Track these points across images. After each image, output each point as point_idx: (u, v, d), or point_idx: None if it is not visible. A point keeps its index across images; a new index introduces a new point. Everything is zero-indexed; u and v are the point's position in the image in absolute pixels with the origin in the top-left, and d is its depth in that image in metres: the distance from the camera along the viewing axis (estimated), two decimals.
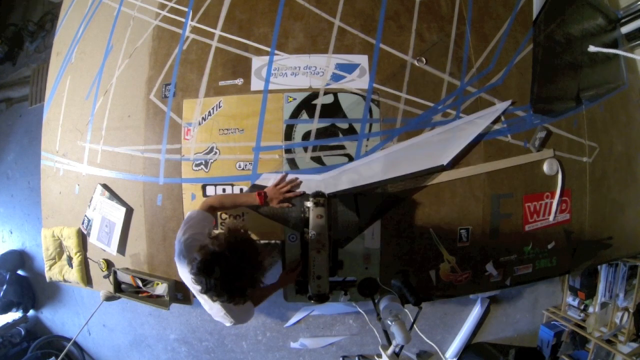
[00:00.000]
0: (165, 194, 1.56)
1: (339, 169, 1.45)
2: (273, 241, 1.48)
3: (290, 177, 1.45)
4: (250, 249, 1.02)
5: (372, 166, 1.45)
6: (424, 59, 1.46)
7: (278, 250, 1.51)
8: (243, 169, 1.49)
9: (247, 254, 0.99)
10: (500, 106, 1.52)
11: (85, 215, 1.72)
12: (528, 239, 1.60)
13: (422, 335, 1.50)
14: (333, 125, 1.48)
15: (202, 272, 0.95)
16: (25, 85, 3.26)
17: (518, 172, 1.57)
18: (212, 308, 1.18)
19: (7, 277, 2.99)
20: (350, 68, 1.50)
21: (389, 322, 1.25)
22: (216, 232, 1.05)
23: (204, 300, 1.15)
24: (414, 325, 1.31)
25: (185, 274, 1.10)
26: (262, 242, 1.49)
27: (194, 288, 1.08)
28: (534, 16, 1.63)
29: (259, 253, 1.03)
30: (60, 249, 1.83)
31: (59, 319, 3.08)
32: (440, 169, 1.46)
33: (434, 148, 1.47)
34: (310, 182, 1.46)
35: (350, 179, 1.45)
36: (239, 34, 1.55)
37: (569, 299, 2.56)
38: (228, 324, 1.21)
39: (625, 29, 1.92)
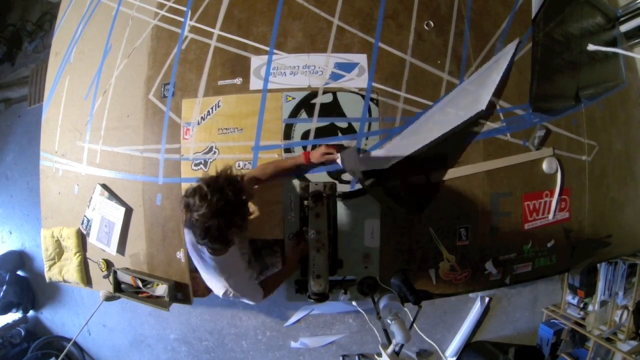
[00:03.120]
0: (164, 194, 1.56)
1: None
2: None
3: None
4: (232, 184, 1.02)
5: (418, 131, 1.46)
6: (431, 23, 1.44)
7: (279, 245, 1.51)
8: (242, 169, 1.49)
9: (227, 189, 0.99)
10: (510, 46, 1.53)
11: (85, 216, 1.72)
12: (527, 238, 1.60)
13: (421, 334, 1.49)
14: (332, 124, 1.48)
15: (185, 207, 0.99)
16: (24, 86, 3.26)
17: (517, 171, 1.57)
18: (211, 275, 1.18)
19: (7, 277, 2.99)
20: (349, 67, 1.50)
21: (388, 321, 1.26)
22: None
23: (202, 262, 1.17)
24: (414, 324, 1.31)
25: (187, 238, 1.18)
26: None
27: (195, 250, 1.15)
28: (533, 15, 1.63)
29: (241, 191, 1.03)
30: (59, 249, 1.83)
31: (59, 320, 3.08)
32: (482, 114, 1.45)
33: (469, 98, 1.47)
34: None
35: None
36: (238, 33, 1.54)
37: (569, 297, 2.56)
38: (225, 290, 1.18)
39: (624, 28, 1.92)
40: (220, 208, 0.96)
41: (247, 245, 1.44)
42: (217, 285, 1.19)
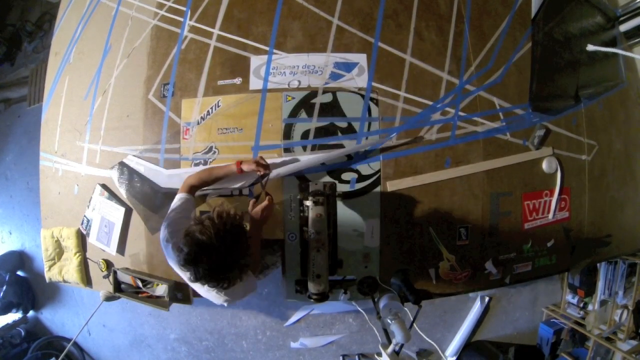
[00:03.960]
0: None
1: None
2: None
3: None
4: (239, 235, 0.99)
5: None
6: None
7: (279, 246, 1.51)
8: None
9: (236, 243, 0.96)
10: None
11: (85, 216, 1.72)
12: (527, 237, 1.61)
13: (421, 334, 1.50)
14: (332, 124, 1.48)
15: (190, 262, 0.93)
16: (24, 86, 3.26)
17: (517, 171, 1.57)
18: (208, 294, 1.16)
19: (7, 278, 2.98)
20: (349, 67, 1.50)
21: (388, 321, 1.25)
22: (203, 216, 1.03)
23: (197, 286, 1.13)
24: (414, 324, 1.31)
25: (172, 261, 1.10)
26: None
27: (183, 274, 1.07)
28: (533, 14, 1.63)
29: (246, 237, 1.01)
30: (59, 250, 1.83)
31: (58, 320, 3.08)
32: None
33: None
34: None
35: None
36: (238, 33, 1.54)
37: (569, 297, 2.57)
38: (225, 304, 1.19)
39: (623, 27, 1.92)
40: (230, 261, 0.94)
41: None
42: (215, 300, 1.18)
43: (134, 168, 1.58)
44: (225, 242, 0.93)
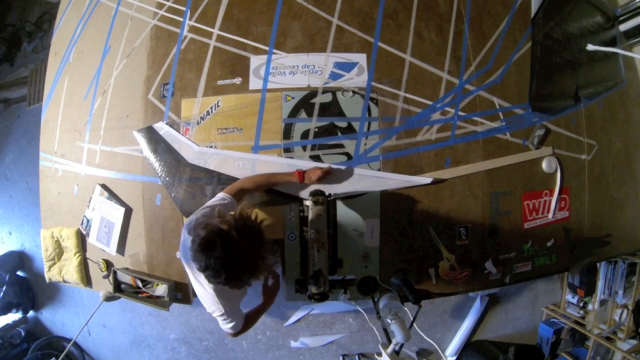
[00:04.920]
0: (164, 194, 1.55)
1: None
2: None
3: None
4: (257, 236, 0.99)
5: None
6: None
7: (278, 247, 1.50)
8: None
9: (253, 240, 0.96)
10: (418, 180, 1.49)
11: (85, 216, 1.72)
12: (527, 237, 1.61)
13: (421, 334, 1.49)
14: (332, 123, 1.48)
15: (204, 247, 0.92)
16: (23, 86, 3.25)
17: (517, 170, 1.57)
18: (202, 289, 1.12)
19: (7, 278, 2.98)
20: (348, 67, 1.50)
21: (388, 321, 1.25)
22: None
23: (199, 285, 1.11)
24: (414, 324, 1.31)
25: (185, 252, 1.07)
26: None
27: (191, 270, 1.06)
28: (533, 14, 1.63)
29: (264, 243, 1.00)
30: (59, 250, 1.83)
31: (58, 320, 3.08)
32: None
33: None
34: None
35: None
36: (237, 33, 1.54)
37: (569, 297, 2.57)
38: (217, 314, 1.15)
39: (623, 27, 1.92)
40: (242, 257, 0.93)
41: None
42: (210, 305, 1.14)
43: (162, 136, 1.54)
44: (242, 236, 0.93)
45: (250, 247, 0.95)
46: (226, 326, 1.19)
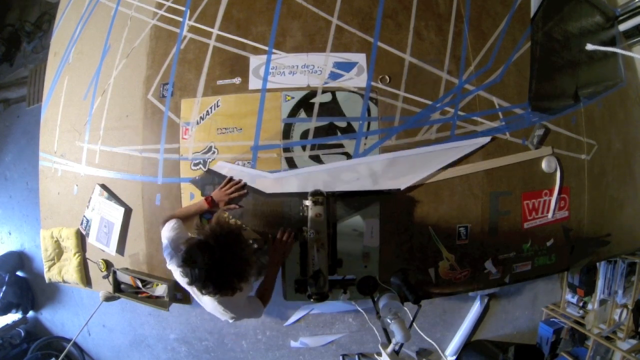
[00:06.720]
0: (163, 194, 1.56)
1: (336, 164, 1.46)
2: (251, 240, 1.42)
3: (237, 179, 1.47)
4: (236, 240, 1.01)
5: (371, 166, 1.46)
6: (387, 78, 1.47)
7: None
8: (245, 165, 1.48)
9: (232, 245, 0.98)
10: (482, 140, 1.51)
11: (84, 216, 1.72)
12: (527, 237, 1.61)
13: (421, 333, 1.49)
14: (331, 123, 1.48)
15: (187, 261, 0.96)
16: (23, 86, 3.25)
17: (516, 170, 1.57)
18: (207, 304, 1.15)
19: (7, 278, 2.98)
20: (348, 66, 1.50)
21: (388, 320, 1.25)
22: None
23: (197, 297, 1.15)
24: (414, 323, 1.31)
25: (177, 273, 1.10)
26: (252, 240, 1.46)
27: (186, 285, 1.07)
28: (532, 14, 1.63)
29: (246, 246, 1.03)
30: (59, 250, 1.83)
31: (58, 320, 3.08)
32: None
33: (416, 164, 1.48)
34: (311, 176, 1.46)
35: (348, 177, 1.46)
36: (237, 32, 1.54)
37: (568, 296, 2.57)
38: (230, 321, 1.19)
39: (623, 27, 1.92)
40: (225, 263, 0.95)
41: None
42: (221, 317, 1.18)
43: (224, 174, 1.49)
44: (220, 243, 0.96)
45: (230, 252, 0.97)
46: (249, 319, 1.24)
